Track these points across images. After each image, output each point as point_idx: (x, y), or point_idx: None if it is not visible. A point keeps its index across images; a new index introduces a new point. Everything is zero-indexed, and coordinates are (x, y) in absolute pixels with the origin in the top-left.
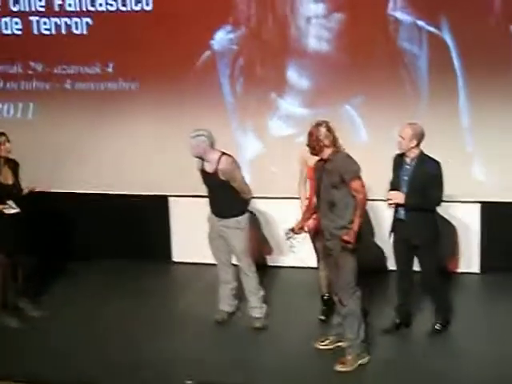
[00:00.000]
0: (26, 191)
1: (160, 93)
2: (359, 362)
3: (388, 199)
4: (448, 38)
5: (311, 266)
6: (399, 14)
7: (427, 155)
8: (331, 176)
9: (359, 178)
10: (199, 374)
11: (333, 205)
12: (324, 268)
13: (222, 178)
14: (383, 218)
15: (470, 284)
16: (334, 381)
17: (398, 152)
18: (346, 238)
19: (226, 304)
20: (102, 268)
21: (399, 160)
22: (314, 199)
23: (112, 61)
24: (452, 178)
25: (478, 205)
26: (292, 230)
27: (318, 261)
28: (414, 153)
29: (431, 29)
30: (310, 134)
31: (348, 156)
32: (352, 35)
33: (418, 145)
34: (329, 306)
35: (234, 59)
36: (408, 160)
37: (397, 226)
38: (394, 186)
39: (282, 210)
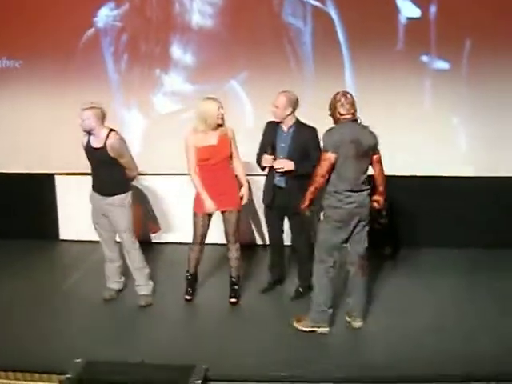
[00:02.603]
0: None
1: (44, 71)
2: (315, 329)
3: (277, 167)
4: (333, 13)
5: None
6: None
7: (303, 122)
8: None
9: (324, 151)
10: (87, 352)
11: None
12: (198, 249)
13: (111, 153)
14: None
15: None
16: (214, 356)
17: (271, 119)
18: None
19: (113, 282)
20: None
21: (273, 127)
22: None
23: None
24: None
25: None
26: None
27: (194, 243)
28: (290, 120)
29: (316, 3)
30: (330, 104)
31: (336, 128)
32: (236, 10)
33: (293, 112)
34: (193, 286)
35: (117, 36)
36: (285, 128)
37: (275, 193)
38: (264, 152)
39: (167, 186)
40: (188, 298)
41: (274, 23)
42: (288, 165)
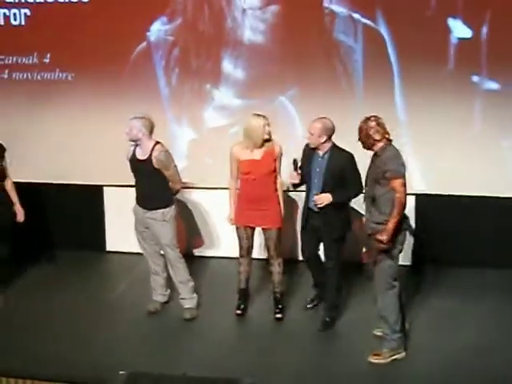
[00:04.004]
0: None
1: (96, 83)
2: (394, 356)
3: (316, 203)
4: (384, 31)
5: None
6: (335, 7)
7: (340, 147)
8: (376, 171)
9: (400, 177)
10: (132, 364)
11: (374, 199)
12: (247, 263)
13: (156, 165)
14: None
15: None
16: (258, 371)
17: (307, 143)
18: (378, 237)
19: (159, 294)
20: (35, 258)
21: (310, 151)
22: None
23: (49, 51)
24: None
25: (413, 197)
26: None
27: (241, 256)
28: (326, 147)
29: (367, 21)
30: (360, 129)
31: (395, 153)
32: (287, 27)
33: (328, 139)
34: (245, 301)
35: (169, 50)
36: (320, 153)
37: (309, 216)
38: (304, 177)
39: (216, 201)
40: (239, 312)
41: (324, 40)
42: (326, 199)
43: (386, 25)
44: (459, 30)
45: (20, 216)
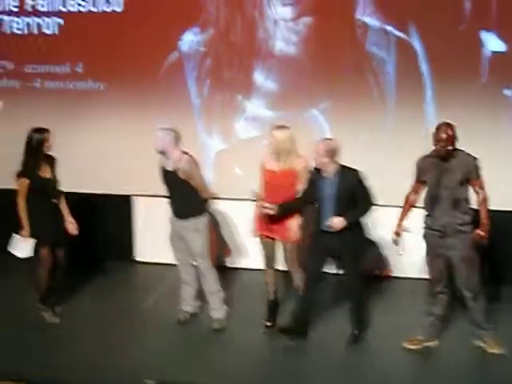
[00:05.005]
0: None
1: (127, 93)
2: None
3: (330, 226)
4: (416, 44)
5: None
6: (367, 19)
7: (347, 167)
8: (455, 173)
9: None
10: (160, 373)
11: (458, 202)
12: (271, 273)
13: (182, 176)
14: None
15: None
16: (290, 380)
17: (315, 166)
18: (481, 233)
19: (188, 305)
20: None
21: (317, 174)
22: (412, 197)
23: (81, 61)
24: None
25: None
26: (397, 233)
27: (266, 266)
28: (332, 168)
29: (399, 34)
30: (453, 135)
31: (469, 153)
32: (320, 39)
33: (331, 160)
34: (274, 312)
35: (201, 61)
36: (328, 176)
37: (323, 236)
38: (308, 199)
39: (245, 212)
40: (268, 324)
41: (357, 53)
42: (340, 223)
43: (418, 37)
44: (493, 43)
45: (73, 229)
